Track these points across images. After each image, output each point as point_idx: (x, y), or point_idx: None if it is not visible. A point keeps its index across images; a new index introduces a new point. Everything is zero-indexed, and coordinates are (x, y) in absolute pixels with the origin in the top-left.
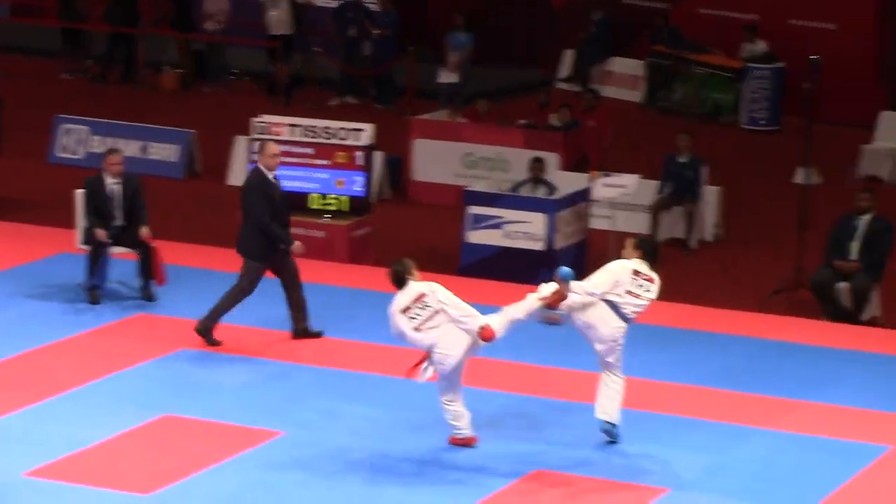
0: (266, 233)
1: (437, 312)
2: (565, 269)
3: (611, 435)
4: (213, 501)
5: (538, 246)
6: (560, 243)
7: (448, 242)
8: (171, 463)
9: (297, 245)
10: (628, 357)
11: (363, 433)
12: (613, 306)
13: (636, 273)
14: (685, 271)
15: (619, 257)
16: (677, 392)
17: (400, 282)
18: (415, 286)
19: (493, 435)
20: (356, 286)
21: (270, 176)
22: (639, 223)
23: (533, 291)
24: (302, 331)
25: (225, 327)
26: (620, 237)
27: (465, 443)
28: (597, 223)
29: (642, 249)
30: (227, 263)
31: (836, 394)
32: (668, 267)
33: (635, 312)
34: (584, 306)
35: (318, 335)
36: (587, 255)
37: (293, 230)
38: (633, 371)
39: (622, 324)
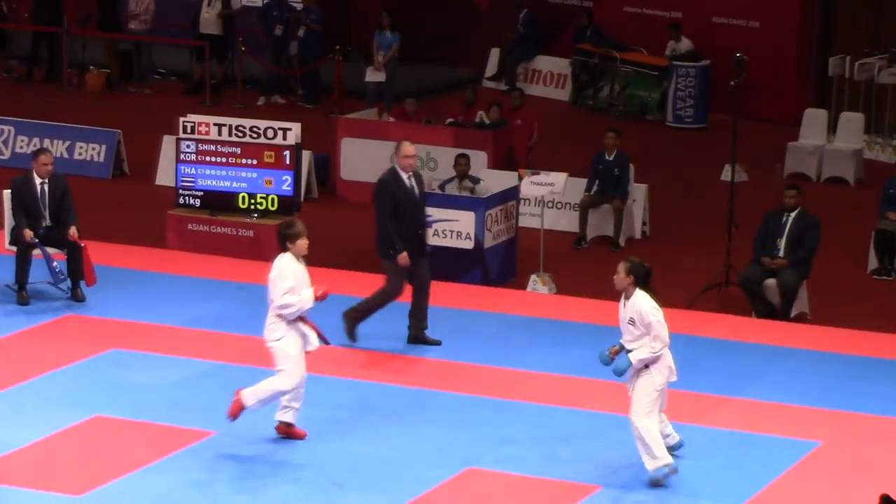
0: (381, 232)
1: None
2: (621, 367)
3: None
4: (145, 502)
5: (467, 245)
6: (489, 242)
7: None
8: (102, 463)
9: (402, 256)
10: (554, 355)
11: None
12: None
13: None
14: (613, 269)
15: (546, 257)
16: (606, 389)
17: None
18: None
19: (427, 431)
20: None
21: (405, 176)
22: (567, 221)
23: (462, 290)
24: (417, 337)
25: (153, 327)
26: (549, 235)
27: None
28: (526, 221)
29: (634, 275)
30: (155, 263)
31: (766, 390)
32: (598, 265)
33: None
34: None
35: (436, 343)
36: (516, 252)
37: (220, 230)
38: (559, 368)
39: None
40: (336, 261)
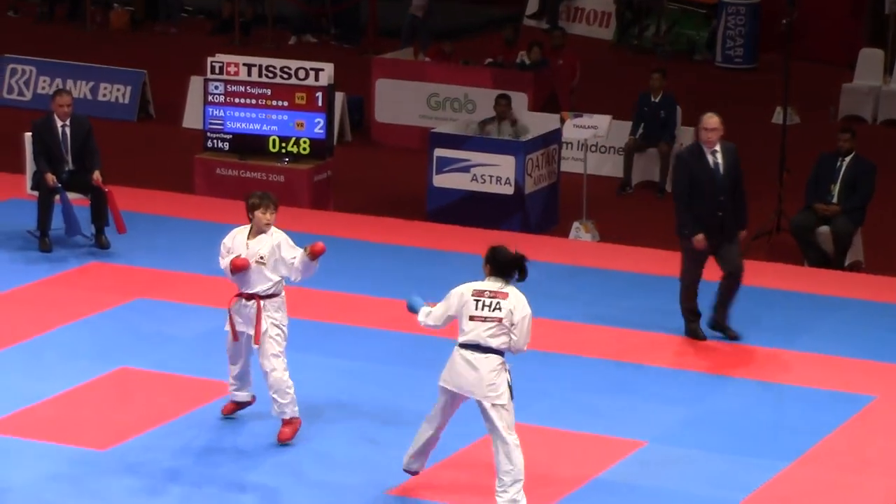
0: (676, 210)
1: None
2: (415, 301)
3: None
4: (172, 457)
5: (507, 190)
6: (530, 187)
7: (414, 187)
8: (128, 417)
9: (696, 239)
10: (603, 307)
11: (325, 382)
12: (465, 346)
13: (478, 293)
14: (660, 215)
15: (589, 204)
16: (653, 341)
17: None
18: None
19: None
20: (318, 232)
21: (707, 150)
22: (611, 166)
23: (501, 237)
24: (717, 324)
25: (180, 276)
26: (592, 180)
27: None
28: (568, 166)
29: (490, 264)
30: (182, 209)
31: (818, 342)
32: (643, 211)
33: (494, 338)
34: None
35: (734, 337)
36: (559, 199)
37: (250, 175)
38: (612, 320)
39: (488, 357)
40: (370, 207)
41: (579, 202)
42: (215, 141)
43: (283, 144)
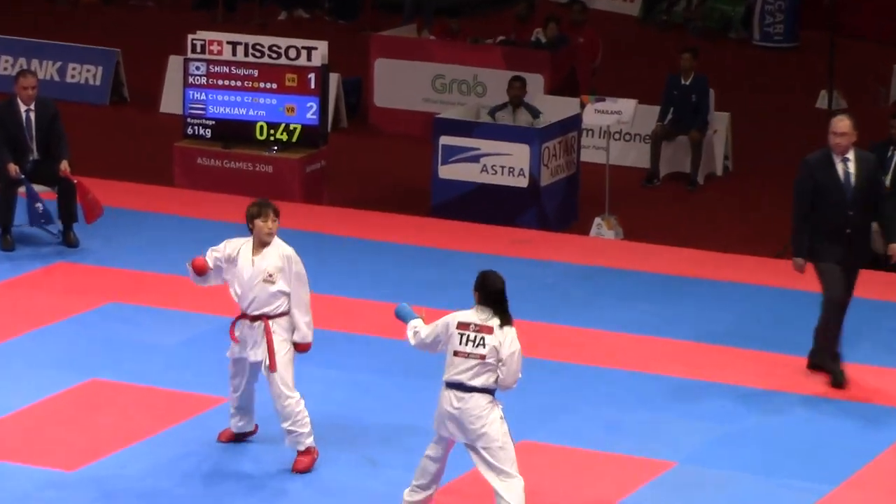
0: (793, 222)
1: None
2: (404, 309)
3: None
4: (147, 478)
5: (521, 182)
6: (546, 179)
7: (416, 178)
8: (99, 435)
9: (797, 261)
10: (626, 312)
11: (319, 396)
12: (450, 385)
13: (463, 326)
14: (691, 210)
15: (612, 198)
16: (685, 351)
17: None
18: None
19: None
20: (310, 229)
21: (837, 158)
22: (637, 155)
23: (514, 234)
24: (818, 363)
25: (157, 277)
26: (616, 171)
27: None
28: (589, 155)
29: (478, 292)
30: (160, 204)
31: (870, 351)
32: (672, 205)
33: (477, 377)
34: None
35: (838, 383)
36: (578, 192)
37: (235, 165)
38: (633, 328)
39: (473, 397)
40: (368, 202)
41: (601, 196)
42: (196, 128)
43: (272, 131)
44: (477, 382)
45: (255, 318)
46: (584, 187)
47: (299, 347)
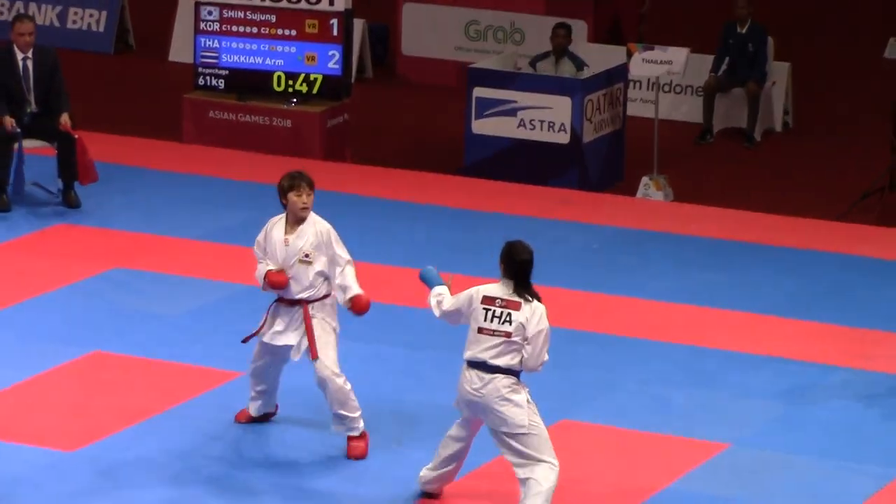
0: None
1: None
2: (429, 273)
3: None
4: (154, 459)
5: (562, 139)
6: (589, 135)
7: (447, 134)
8: (101, 412)
9: None
10: (676, 280)
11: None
12: (472, 364)
13: (488, 301)
14: (747, 170)
15: (661, 156)
16: (739, 323)
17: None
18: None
19: None
20: (332, 188)
21: None
22: (688, 109)
23: (554, 195)
24: None
25: (164, 241)
26: (666, 127)
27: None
28: (636, 109)
29: (503, 263)
30: (168, 161)
31: None
32: (727, 164)
33: (500, 357)
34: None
35: None
36: (624, 149)
37: (250, 118)
38: (684, 297)
39: (496, 378)
40: (395, 159)
41: (649, 154)
42: (208, 78)
43: (290, 82)
44: (501, 362)
45: (292, 303)
46: (631, 144)
47: (357, 303)
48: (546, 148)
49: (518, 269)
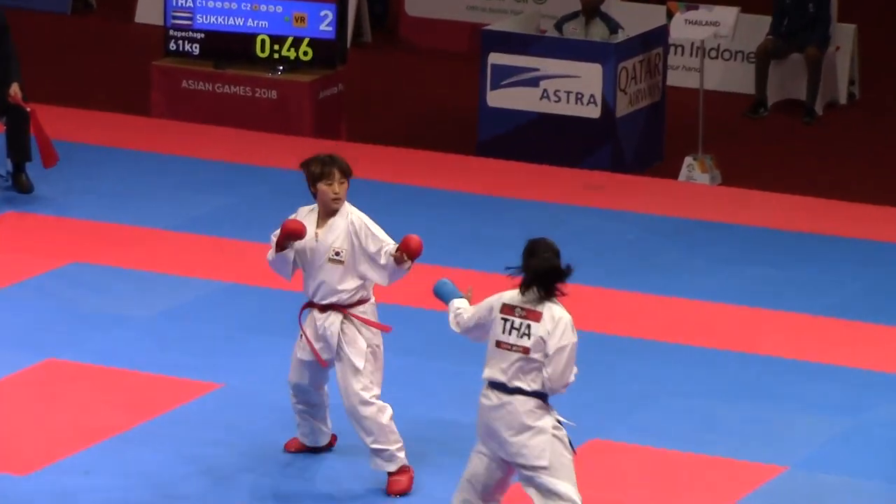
0: None
1: None
2: (444, 286)
3: None
4: (118, 486)
5: (592, 112)
6: (624, 108)
7: (459, 107)
8: (57, 429)
9: None
10: (724, 277)
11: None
12: (492, 384)
13: (507, 310)
14: (807, 148)
15: (707, 132)
16: (796, 326)
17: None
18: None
19: None
20: None
21: None
22: (739, 78)
23: (583, 177)
24: None
25: (132, 231)
26: (713, 98)
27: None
28: (678, 78)
29: (523, 265)
30: (135, 138)
31: None
32: (783, 142)
33: (521, 376)
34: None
35: None
36: (664, 125)
37: (229, 89)
38: (734, 297)
39: (516, 400)
40: (397, 136)
41: (693, 130)
42: (181, 42)
43: (276, 47)
44: (521, 383)
45: (324, 309)
46: (671, 119)
47: (409, 247)
48: (573, 123)
49: (536, 271)
